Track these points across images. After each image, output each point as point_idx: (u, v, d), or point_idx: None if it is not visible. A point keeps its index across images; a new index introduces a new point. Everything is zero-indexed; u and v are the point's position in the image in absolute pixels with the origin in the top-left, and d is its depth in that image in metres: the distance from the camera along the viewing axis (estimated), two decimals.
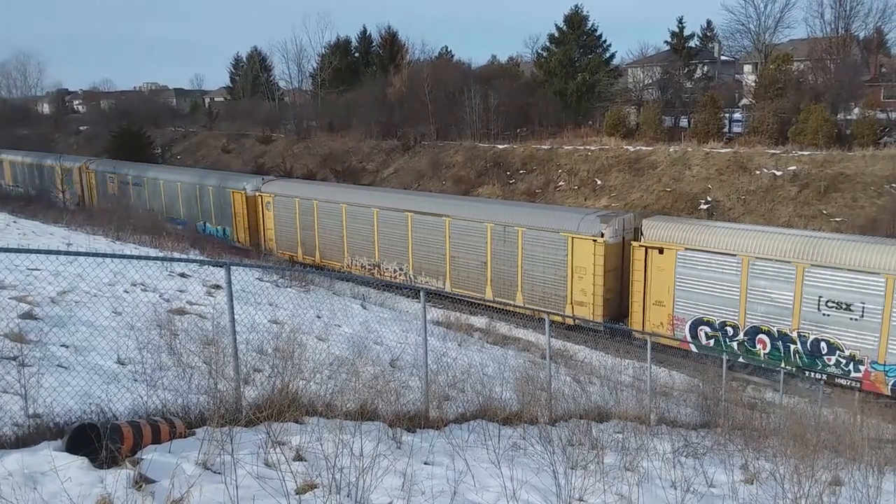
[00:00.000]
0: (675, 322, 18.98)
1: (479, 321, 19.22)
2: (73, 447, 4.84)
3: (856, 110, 37.73)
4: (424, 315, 7.93)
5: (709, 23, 57.60)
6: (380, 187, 41.16)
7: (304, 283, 17.42)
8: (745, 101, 45.65)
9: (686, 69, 48.28)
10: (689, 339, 18.69)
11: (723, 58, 55.76)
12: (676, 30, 49.17)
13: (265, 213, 30.48)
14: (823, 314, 16.46)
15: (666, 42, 50.65)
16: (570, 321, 20.06)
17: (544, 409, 8.69)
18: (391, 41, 63.35)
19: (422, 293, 8.07)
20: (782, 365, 16.47)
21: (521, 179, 41.14)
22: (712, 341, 18.31)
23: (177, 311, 11.23)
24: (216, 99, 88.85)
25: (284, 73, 75.20)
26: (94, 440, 4.73)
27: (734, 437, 9.09)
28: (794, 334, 17.01)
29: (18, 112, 78.75)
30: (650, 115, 41.24)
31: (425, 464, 5.82)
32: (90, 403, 5.85)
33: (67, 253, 7.37)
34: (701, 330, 18.57)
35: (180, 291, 13.14)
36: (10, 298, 9.67)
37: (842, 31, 43.38)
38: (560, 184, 39.70)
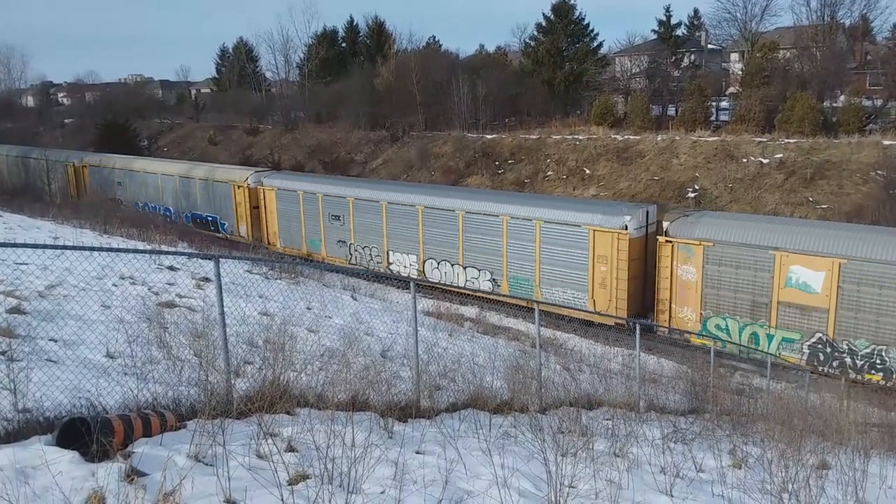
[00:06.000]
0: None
1: (470, 311, 19.26)
2: (63, 441, 4.84)
3: (841, 98, 37.98)
4: (415, 305, 7.95)
5: (696, 11, 57.67)
6: None
7: (293, 275, 17.38)
8: (731, 89, 45.83)
9: (673, 58, 48.37)
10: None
11: (710, 46, 55.88)
12: (664, 18, 49.21)
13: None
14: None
15: (653, 31, 50.68)
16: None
17: (535, 398, 8.74)
18: (378, 31, 62.97)
19: (412, 284, 8.09)
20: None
21: (509, 169, 41.15)
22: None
23: (166, 304, 11.17)
24: (202, 90, 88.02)
25: (271, 64, 74.35)
26: (85, 434, 4.72)
27: (722, 422, 9.18)
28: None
29: (2, 105, 77.72)
30: (638, 104, 41.31)
31: (417, 453, 5.85)
32: (80, 397, 5.84)
33: (55, 247, 7.33)
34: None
35: (169, 284, 13.07)
36: None
37: (827, 18, 43.51)
38: (549, 173, 39.76)
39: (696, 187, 34.03)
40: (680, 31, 50.85)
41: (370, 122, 51.33)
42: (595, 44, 49.92)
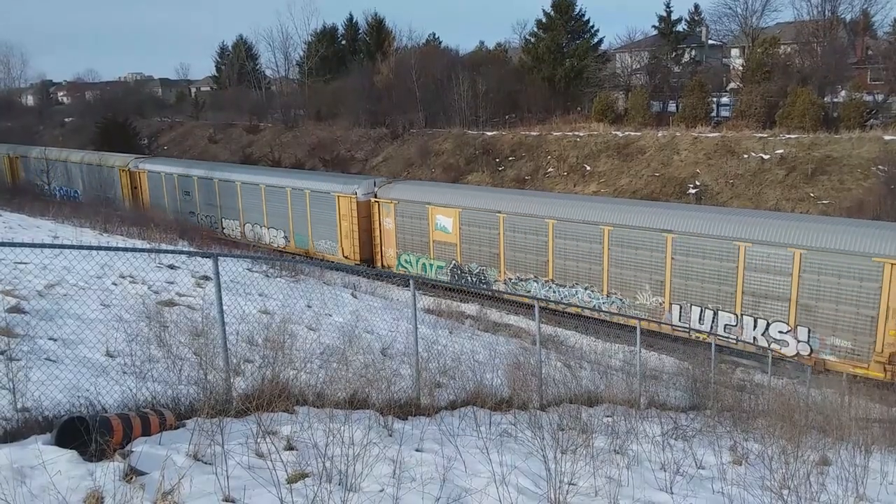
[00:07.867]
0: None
1: (470, 308, 19.25)
2: (62, 441, 4.83)
3: (842, 93, 37.91)
4: (414, 303, 7.94)
5: (696, 6, 57.49)
6: None
7: (293, 273, 17.36)
8: (732, 85, 45.72)
9: (674, 54, 48.29)
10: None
11: (710, 42, 55.74)
12: (664, 14, 49.12)
13: None
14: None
15: (654, 26, 50.64)
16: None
17: (535, 395, 8.73)
18: (378, 28, 62.92)
19: (411, 282, 8.07)
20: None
21: (510, 166, 41.11)
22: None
23: (166, 302, 11.16)
24: (202, 88, 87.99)
25: (271, 62, 74.54)
26: (84, 433, 4.71)
27: (723, 419, 9.16)
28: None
29: (2, 104, 77.73)
30: (638, 100, 41.25)
31: (416, 451, 5.84)
32: (79, 396, 5.83)
33: (54, 246, 7.32)
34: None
35: (169, 283, 13.05)
36: None
37: (828, 13, 43.43)
38: (549, 170, 39.71)
39: (697, 183, 33.98)
40: (680, 27, 50.78)
41: (370, 119, 51.29)
42: (595, 40, 49.88)
